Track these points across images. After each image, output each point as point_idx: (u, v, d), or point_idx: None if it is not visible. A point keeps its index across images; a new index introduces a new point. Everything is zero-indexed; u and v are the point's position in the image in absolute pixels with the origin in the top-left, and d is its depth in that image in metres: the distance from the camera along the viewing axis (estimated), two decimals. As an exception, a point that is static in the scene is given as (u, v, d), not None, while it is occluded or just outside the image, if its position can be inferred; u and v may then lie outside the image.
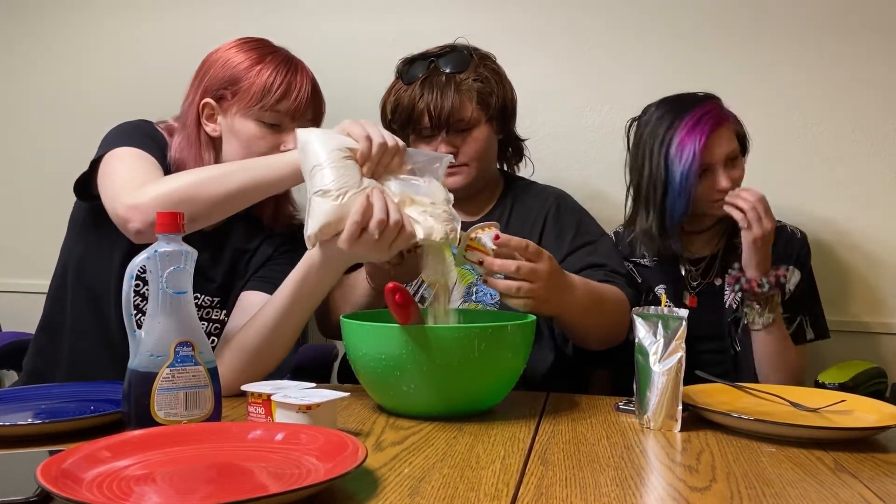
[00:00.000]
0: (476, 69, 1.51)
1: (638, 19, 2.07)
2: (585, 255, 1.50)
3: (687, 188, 1.57)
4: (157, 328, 0.96)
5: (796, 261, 1.68)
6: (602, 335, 1.41)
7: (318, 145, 1.14)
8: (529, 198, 1.60)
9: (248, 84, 1.33)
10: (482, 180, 1.57)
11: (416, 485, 0.82)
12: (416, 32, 2.12)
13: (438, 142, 1.49)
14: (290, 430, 0.90)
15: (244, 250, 1.44)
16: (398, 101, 1.51)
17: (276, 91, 1.32)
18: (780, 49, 2.01)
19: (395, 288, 1.08)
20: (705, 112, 1.62)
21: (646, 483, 0.87)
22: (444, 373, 1.08)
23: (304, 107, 1.35)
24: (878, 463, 0.94)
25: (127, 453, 0.82)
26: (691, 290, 1.70)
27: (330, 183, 1.11)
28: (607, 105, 2.09)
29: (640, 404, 1.10)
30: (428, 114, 1.47)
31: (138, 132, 1.37)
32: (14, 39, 2.35)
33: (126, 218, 1.19)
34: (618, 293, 1.41)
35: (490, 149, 1.56)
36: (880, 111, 1.98)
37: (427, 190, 1.17)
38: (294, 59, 1.39)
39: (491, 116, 1.52)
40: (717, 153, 1.61)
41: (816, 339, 1.72)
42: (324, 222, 1.11)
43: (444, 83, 1.47)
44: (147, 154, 1.30)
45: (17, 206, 2.36)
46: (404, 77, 1.53)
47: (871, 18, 1.97)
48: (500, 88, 1.53)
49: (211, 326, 1.42)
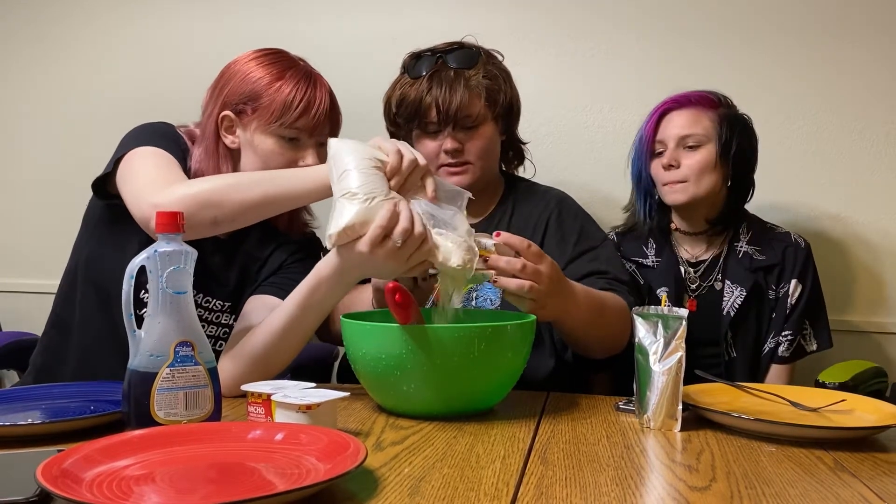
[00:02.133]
0: (485, 66, 1.49)
1: (639, 19, 2.07)
2: (587, 262, 1.47)
3: (640, 161, 1.69)
4: (156, 328, 0.96)
5: (797, 271, 1.67)
6: (602, 344, 1.39)
7: (348, 154, 1.14)
8: (531, 201, 1.58)
9: (269, 101, 1.32)
10: (484, 180, 1.54)
11: (416, 484, 0.82)
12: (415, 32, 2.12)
13: (444, 137, 1.47)
14: (290, 430, 0.90)
15: (257, 257, 1.44)
16: (404, 96, 1.48)
17: (296, 108, 1.32)
18: (780, 49, 2.01)
19: (395, 288, 1.08)
20: (679, 95, 1.65)
21: (646, 483, 0.86)
22: (444, 373, 1.08)
23: (323, 122, 1.35)
24: (878, 462, 0.94)
25: (127, 453, 0.82)
26: (690, 294, 1.70)
27: (358, 186, 1.10)
28: (607, 105, 2.09)
29: (640, 404, 1.10)
30: (436, 108, 1.44)
31: (160, 133, 1.36)
32: (19, 39, 2.35)
33: (151, 217, 1.18)
34: (619, 301, 1.39)
35: (494, 148, 1.55)
36: (881, 111, 1.98)
37: (451, 218, 1.16)
38: (313, 74, 1.38)
39: (497, 115, 1.51)
40: (668, 133, 1.64)
41: (819, 350, 1.71)
42: (349, 222, 1.09)
43: (453, 78, 1.45)
44: (170, 155, 1.30)
45: (18, 206, 2.36)
46: (411, 71, 1.50)
47: (872, 18, 1.97)
48: (507, 87, 1.52)
49: (220, 331, 1.41)
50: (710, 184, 1.63)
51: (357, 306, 1.36)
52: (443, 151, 1.48)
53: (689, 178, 1.63)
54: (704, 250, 1.73)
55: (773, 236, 1.70)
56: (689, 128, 1.63)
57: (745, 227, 1.71)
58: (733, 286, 1.66)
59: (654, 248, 1.74)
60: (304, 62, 1.41)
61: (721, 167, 1.64)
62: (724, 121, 1.64)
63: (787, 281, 1.66)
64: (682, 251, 1.74)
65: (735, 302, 1.65)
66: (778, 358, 1.67)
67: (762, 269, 1.67)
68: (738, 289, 1.66)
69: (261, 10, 2.22)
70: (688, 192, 1.63)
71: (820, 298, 1.72)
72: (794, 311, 1.66)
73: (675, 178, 1.64)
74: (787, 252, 1.68)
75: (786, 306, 1.66)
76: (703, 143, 1.62)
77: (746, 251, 1.68)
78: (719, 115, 1.64)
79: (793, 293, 1.66)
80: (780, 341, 1.67)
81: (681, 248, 1.74)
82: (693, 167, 1.62)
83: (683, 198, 1.64)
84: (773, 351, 1.67)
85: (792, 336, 1.66)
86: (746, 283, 1.66)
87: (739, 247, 1.69)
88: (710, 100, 1.66)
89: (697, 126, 1.63)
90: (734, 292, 1.66)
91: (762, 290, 1.67)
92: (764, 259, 1.67)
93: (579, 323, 1.30)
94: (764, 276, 1.67)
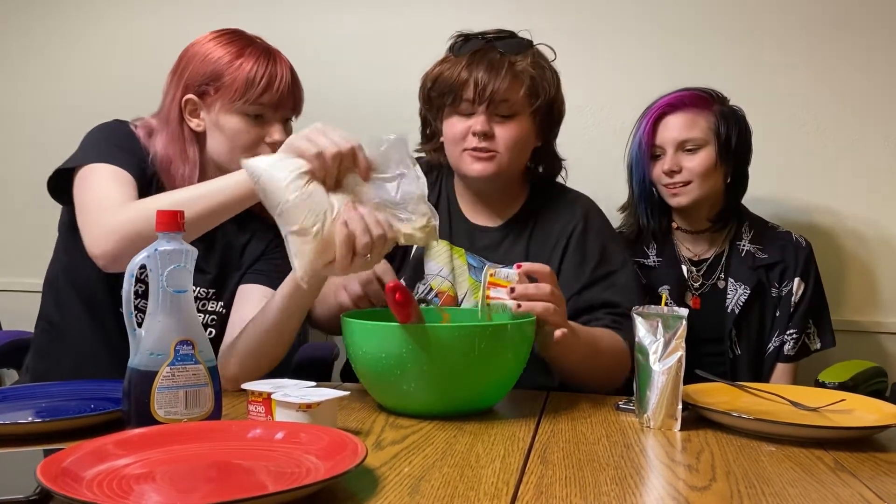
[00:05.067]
0: (534, 57, 1.41)
1: (639, 19, 2.07)
2: (602, 290, 1.41)
3: (640, 166, 1.68)
4: (157, 327, 0.96)
5: (800, 270, 1.67)
6: (597, 383, 1.35)
7: (272, 180, 1.08)
8: (556, 211, 1.48)
9: (231, 79, 1.33)
10: (506, 177, 1.44)
11: (416, 484, 0.82)
12: (415, 31, 2.13)
13: (476, 119, 1.37)
14: (290, 429, 0.90)
15: (235, 244, 1.45)
16: (442, 71, 1.40)
17: (259, 84, 1.32)
18: (781, 49, 2.01)
19: (395, 287, 1.08)
20: (672, 97, 1.64)
21: (645, 482, 0.87)
22: (445, 372, 1.08)
23: (286, 96, 1.35)
24: (878, 462, 0.94)
25: (127, 452, 0.82)
26: (694, 292, 1.70)
27: (303, 220, 1.06)
28: (608, 105, 2.09)
29: (640, 403, 1.10)
30: (474, 85, 1.35)
31: (114, 141, 1.36)
32: (9, 38, 2.35)
33: (93, 255, 1.22)
34: (618, 344, 1.33)
35: (526, 144, 1.43)
36: (881, 111, 1.98)
37: (398, 191, 1.12)
38: (272, 50, 1.39)
39: (536, 109, 1.40)
40: (666, 136, 1.64)
41: (823, 348, 1.71)
42: (311, 261, 1.08)
43: (498, 60, 1.37)
44: (120, 171, 1.29)
45: (15, 204, 2.36)
46: (456, 50, 1.43)
47: (872, 15, 1.97)
48: (552, 86, 1.43)
49: (207, 318, 1.43)
50: (713, 184, 1.64)
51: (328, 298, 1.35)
52: (471, 133, 1.38)
53: (693, 181, 1.63)
54: (706, 249, 1.73)
55: (775, 235, 1.71)
56: (687, 132, 1.63)
57: (747, 226, 1.72)
58: (737, 284, 1.67)
59: (656, 248, 1.74)
60: (261, 40, 1.41)
61: (722, 166, 1.64)
62: (720, 119, 1.64)
63: (791, 279, 1.67)
64: (683, 250, 1.74)
65: (739, 300, 1.66)
66: (783, 357, 1.68)
67: (764, 267, 1.68)
68: (741, 287, 1.67)
69: (261, 9, 2.22)
70: (692, 194, 1.64)
71: (822, 297, 1.73)
72: (797, 309, 1.67)
73: (678, 182, 1.63)
74: (789, 250, 1.68)
75: (789, 305, 1.67)
76: (703, 145, 1.63)
77: (749, 249, 1.69)
78: (715, 114, 1.64)
79: (796, 291, 1.66)
80: (785, 340, 1.67)
81: (682, 247, 1.74)
82: (695, 170, 1.62)
83: (688, 200, 1.64)
84: (779, 349, 1.68)
85: (797, 335, 1.67)
86: (750, 280, 1.67)
87: (742, 245, 1.69)
88: (704, 99, 1.66)
89: (695, 129, 1.63)
90: (738, 290, 1.67)
91: (765, 288, 1.68)
92: (766, 257, 1.68)
93: (576, 359, 1.28)
94: (766, 273, 1.68)
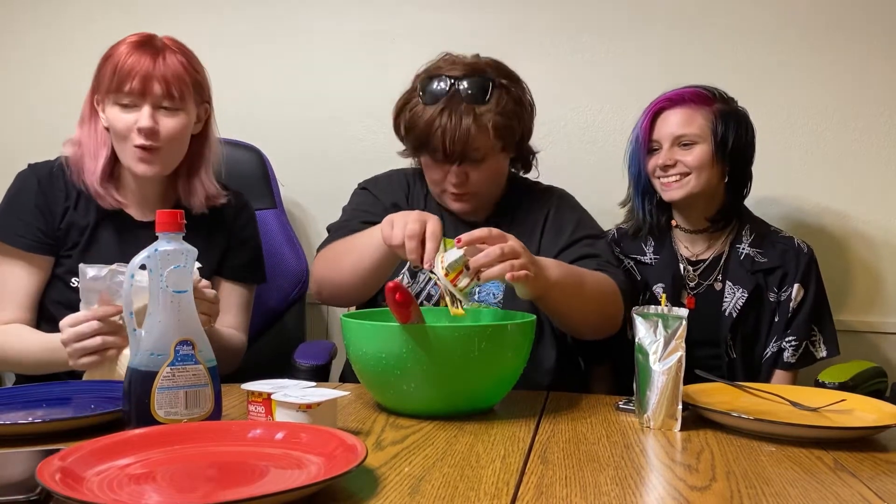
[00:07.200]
0: (498, 99, 1.45)
1: (639, 19, 2.07)
2: (581, 247, 1.49)
3: (637, 160, 1.70)
4: (157, 327, 0.96)
5: (800, 275, 1.65)
6: (590, 321, 1.40)
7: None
8: (531, 201, 1.60)
9: (102, 75, 1.41)
10: (487, 203, 1.57)
11: (416, 484, 0.82)
12: (414, 31, 2.13)
13: (450, 170, 1.47)
14: (291, 429, 0.90)
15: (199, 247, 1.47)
16: (414, 122, 1.46)
17: (120, 76, 1.38)
18: (783, 48, 2.01)
19: (395, 287, 1.08)
20: (673, 93, 1.65)
21: (645, 482, 0.87)
22: (445, 372, 1.08)
23: (150, 84, 1.38)
24: (878, 462, 0.94)
25: (127, 452, 0.83)
26: (689, 291, 1.70)
27: None
28: (607, 105, 2.09)
29: (640, 403, 1.10)
30: (443, 142, 1.43)
31: (16, 211, 1.45)
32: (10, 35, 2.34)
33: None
34: (604, 278, 1.40)
35: (501, 176, 1.56)
36: (881, 111, 1.98)
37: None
38: (150, 43, 1.41)
39: (507, 146, 1.50)
40: (662, 131, 1.65)
41: (828, 356, 1.68)
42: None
43: (464, 112, 1.42)
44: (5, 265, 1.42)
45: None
46: (424, 96, 1.46)
47: (875, 17, 1.97)
48: (519, 120, 1.49)
49: None
50: (706, 179, 1.63)
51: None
52: (447, 182, 1.49)
53: (686, 176, 1.63)
54: (705, 249, 1.72)
55: (776, 239, 1.69)
56: (684, 127, 1.63)
57: (748, 229, 1.70)
58: (734, 287, 1.66)
59: (653, 246, 1.74)
60: (157, 37, 1.44)
61: (718, 164, 1.64)
62: (718, 117, 1.63)
63: (790, 285, 1.65)
64: (681, 248, 1.73)
65: (737, 303, 1.64)
66: (783, 364, 1.65)
67: (763, 272, 1.66)
68: (739, 290, 1.65)
69: (261, 9, 2.22)
70: (685, 188, 1.63)
71: (825, 304, 1.70)
72: (795, 315, 1.65)
73: (672, 176, 1.64)
74: (789, 255, 1.66)
75: (787, 311, 1.65)
76: (698, 141, 1.62)
77: (748, 253, 1.67)
78: (714, 112, 1.64)
79: (795, 297, 1.64)
80: (783, 346, 1.65)
81: (680, 246, 1.74)
82: (689, 164, 1.62)
83: (680, 194, 1.64)
84: (777, 356, 1.65)
85: (797, 342, 1.64)
86: (748, 284, 1.65)
87: (741, 248, 1.68)
88: (704, 96, 1.65)
89: (692, 125, 1.63)
90: (735, 293, 1.65)
91: (762, 293, 1.66)
92: (766, 261, 1.66)
93: (560, 295, 1.31)
94: (764, 278, 1.66)
